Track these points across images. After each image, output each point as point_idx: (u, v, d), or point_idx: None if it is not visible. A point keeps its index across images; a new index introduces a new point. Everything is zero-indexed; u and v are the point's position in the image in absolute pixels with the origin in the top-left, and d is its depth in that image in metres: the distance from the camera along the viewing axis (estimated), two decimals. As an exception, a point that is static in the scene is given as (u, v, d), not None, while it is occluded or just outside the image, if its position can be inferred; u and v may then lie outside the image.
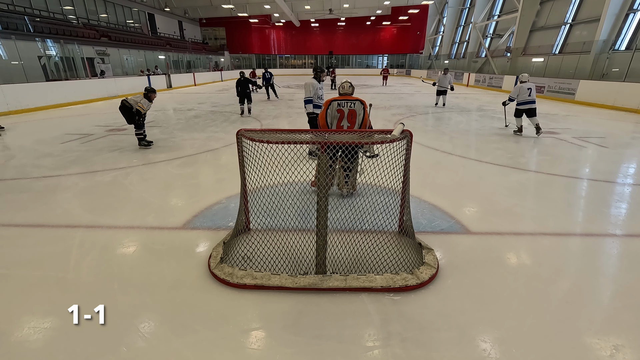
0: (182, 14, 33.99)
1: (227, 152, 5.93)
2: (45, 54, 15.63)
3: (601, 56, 13.51)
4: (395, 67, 39.34)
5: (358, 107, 3.62)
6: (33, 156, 5.68)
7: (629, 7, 12.85)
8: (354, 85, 3.81)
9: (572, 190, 4.34)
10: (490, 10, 23.00)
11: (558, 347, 1.88)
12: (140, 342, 1.91)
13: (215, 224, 3.26)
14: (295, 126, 8.39)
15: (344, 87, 3.75)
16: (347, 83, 3.76)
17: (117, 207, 3.69)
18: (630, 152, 6.16)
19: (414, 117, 9.76)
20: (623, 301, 2.26)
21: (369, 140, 2.39)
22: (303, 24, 38.71)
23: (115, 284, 2.40)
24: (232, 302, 2.22)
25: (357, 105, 3.61)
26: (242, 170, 2.66)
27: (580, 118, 9.72)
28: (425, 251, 2.69)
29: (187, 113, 10.55)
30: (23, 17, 15.78)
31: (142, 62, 23.01)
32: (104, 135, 7.31)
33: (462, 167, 5.21)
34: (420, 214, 3.46)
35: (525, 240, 3.05)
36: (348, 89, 3.73)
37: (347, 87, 3.74)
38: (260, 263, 2.52)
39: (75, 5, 21.22)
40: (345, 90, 3.73)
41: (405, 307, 2.17)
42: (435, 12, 33.07)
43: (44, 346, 1.89)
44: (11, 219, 3.42)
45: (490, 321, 2.07)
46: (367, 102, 3.78)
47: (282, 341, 1.93)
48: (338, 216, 3.20)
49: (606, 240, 3.09)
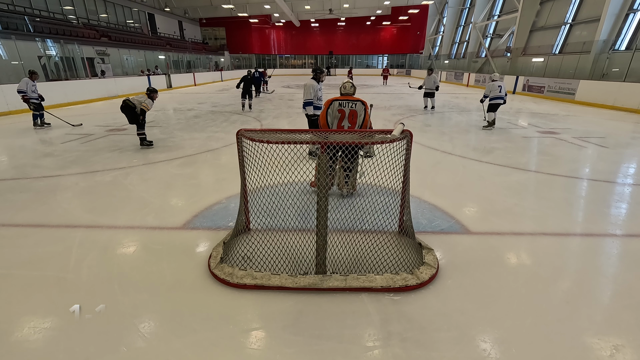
0: (182, 14, 33.99)
1: (227, 152, 5.93)
2: (45, 54, 15.64)
3: (601, 56, 13.51)
4: (395, 67, 39.36)
5: (359, 107, 3.60)
6: (33, 156, 5.68)
7: (629, 7, 12.85)
8: (355, 85, 3.81)
9: (572, 190, 4.34)
10: (490, 10, 23.00)
11: (558, 347, 1.88)
12: (140, 342, 1.91)
13: (215, 224, 3.26)
14: (295, 126, 8.39)
15: (345, 87, 3.74)
16: (349, 83, 3.74)
17: (117, 207, 3.69)
18: (630, 152, 6.16)
19: (414, 117, 9.76)
20: (623, 301, 2.26)
21: (369, 140, 2.39)
22: (303, 24, 38.71)
23: (115, 284, 2.40)
24: (232, 302, 2.22)
25: (358, 106, 3.60)
26: (242, 170, 2.66)
27: (580, 118, 9.72)
28: (425, 251, 2.69)
29: (187, 113, 10.55)
30: (23, 17, 15.78)
31: (142, 62, 23.02)
32: (104, 135, 7.31)
33: (462, 167, 5.21)
34: (420, 214, 3.46)
35: (525, 240, 3.05)
36: (349, 89, 3.72)
37: (349, 87, 3.72)
38: (260, 263, 2.52)
39: (75, 5, 21.23)
40: (346, 91, 3.72)
41: (405, 307, 2.18)
42: (435, 12, 33.06)
43: (44, 346, 1.89)
44: (11, 219, 3.42)
45: (490, 321, 2.07)
46: (368, 103, 3.77)
47: (282, 341, 1.93)
48: (338, 216, 3.20)
49: (606, 240, 3.09)
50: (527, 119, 9.63)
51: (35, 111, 8.15)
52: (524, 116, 10.11)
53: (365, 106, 3.64)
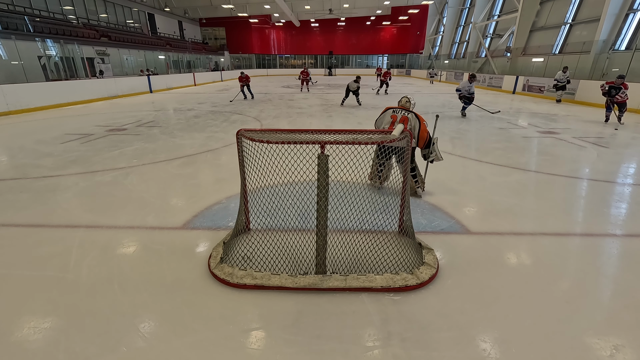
0: (182, 14, 33.99)
1: (227, 152, 5.93)
2: (45, 54, 15.64)
3: (601, 56, 13.51)
4: (395, 67, 39.37)
5: (412, 118, 3.75)
6: (33, 156, 5.68)
7: (629, 7, 12.86)
8: (411, 101, 3.94)
9: (572, 190, 4.34)
10: (490, 10, 23.01)
11: (558, 347, 1.88)
12: (140, 342, 1.91)
13: (215, 224, 3.26)
14: (295, 126, 8.39)
15: (401, 101, 3.94)
16: (405, 98, 3.92)
17: (117, 207, 3.69)
18: (630, 152, 6.16)
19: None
20: (623, 301, 2.27)
21: (368, 141, 2.39)
22: (303, 24, 38.71)
23: (115, 284, 2.40)
24: (232, 302, 2.22)
25: (411, 116, 3.76)
26: (242, 170, 2.66)
27: (580, 118, 9.71)
28: (425, 251, 2.69)
29: (187, 113, 10.55)
30: (23, 17, 15.78)
31: (142, 62, 23.02)
32: (104, 135, 7.31)
33: (462, 167, 5.21)
34: (420, 214, 3.46)
35: (525, 240, 3.05)
36: (405, 103, 3.88)
37: (405, 102, 3.89)
38: (260, 263, 2.52)
39: (75, 5, 21.24)
40: (402, 104, 3.90)
41: (405, 307, 2.18)
42: (435, 12, 33.08)
43: (44, 346, 1.89)
44: (11, 219, 3.42)
45: (490, 321, 2.07)
46: (423, 118, 3.86)
47: (282, 341, 1.93)
48: (338, 216, 3.20)
49: (606, 240, 3.09)
50: (527, 119, 9.63)
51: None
52: (524, 116, 10.11)
53: (419, 120, 3.76)
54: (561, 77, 13.14)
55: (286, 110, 11.09)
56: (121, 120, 9.08)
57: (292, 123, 8.88)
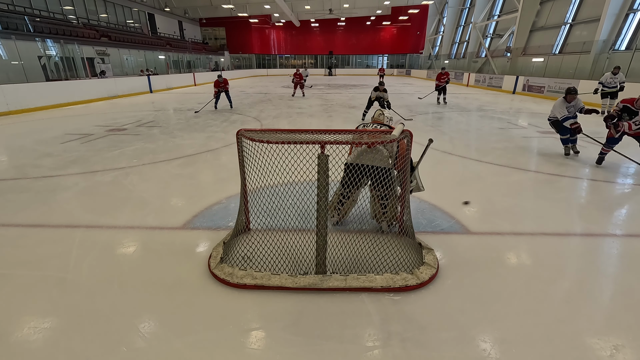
0: (182, 14, 33.97)
1: (227, 152, 5.93)
2: (45, 54, 15.62)
3: (601, 56, 13.51)
4: (395, 67, 39.34)
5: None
6: (33, 156, 5.68)
7: (629, 7, 12.85)
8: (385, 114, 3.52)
9: (572, 190, 4.34)
10: (490, 10, 23.00)
11: (558, 347, 1.88)
12: (140, 342, 1.91)
13: (215, 224, 3.26)
14: (295, 126, 8.39)
15: (374, 115, 3.53)
16: (379, 111, 3.52)
17: (117, 207, 3.69)
18: (630, 152, 6.15)
19: (414, 117, 9.76)
20: (623, 301, 2.27)
21: (368, 141, 2.39)
22: (303, 24, 38.70)
23: (115, 284, 2.40)
24: (232, 302, 2.22)
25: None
26: (242, 170, 2.66)
27: (581, 118, 9.69)
28: (425, 251, 2.69)
29: (187, 113, 10.55)
30: (23, 17, 15.77)
31: (142, 62, 23.01)
32: (104, 135, 7.31)
33: (462, 167, 5.21)
34: (420, 214, 3.46)
35: (525, 240, 3.05)
36: (379, 116, 3.46)
37: (377, 115, 3.48)
38: (260, 263, 2.52)
39: (75, 5, 21.22)
40: (376, 118, 3.47)
41: (405, 307, 2.18)
42: (435, 12, 33.06)
43: (44, 346, 1.89)
44: (11, 219, 3.42)
45: (490, 321, 2.07)
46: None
47: (282, 341, 1.93)
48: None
49: (606, 240, 3.09)
50: (527, 119, 9.63)
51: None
52: (524, 116, 10.11)
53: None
54: (609, 81, 9.39)
55: (286, 110, 11.09)
56: (121, 120, 9.08)
57: (292, 123, 8.88)
